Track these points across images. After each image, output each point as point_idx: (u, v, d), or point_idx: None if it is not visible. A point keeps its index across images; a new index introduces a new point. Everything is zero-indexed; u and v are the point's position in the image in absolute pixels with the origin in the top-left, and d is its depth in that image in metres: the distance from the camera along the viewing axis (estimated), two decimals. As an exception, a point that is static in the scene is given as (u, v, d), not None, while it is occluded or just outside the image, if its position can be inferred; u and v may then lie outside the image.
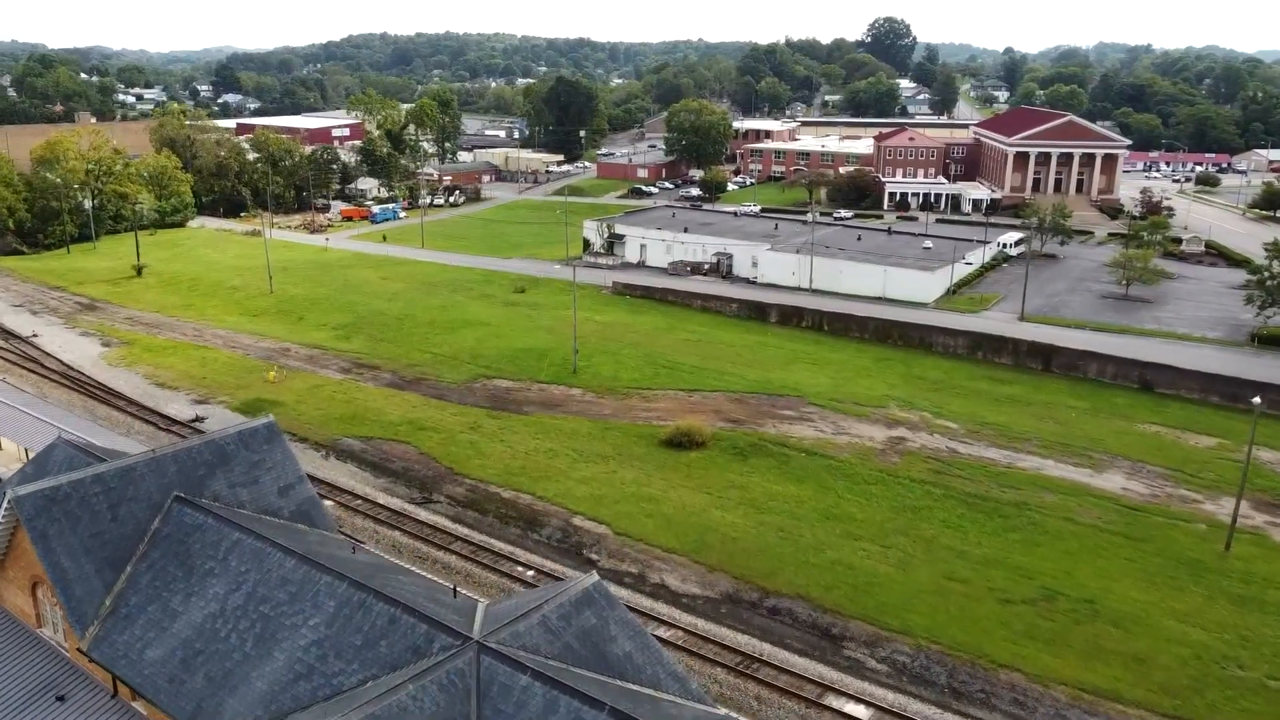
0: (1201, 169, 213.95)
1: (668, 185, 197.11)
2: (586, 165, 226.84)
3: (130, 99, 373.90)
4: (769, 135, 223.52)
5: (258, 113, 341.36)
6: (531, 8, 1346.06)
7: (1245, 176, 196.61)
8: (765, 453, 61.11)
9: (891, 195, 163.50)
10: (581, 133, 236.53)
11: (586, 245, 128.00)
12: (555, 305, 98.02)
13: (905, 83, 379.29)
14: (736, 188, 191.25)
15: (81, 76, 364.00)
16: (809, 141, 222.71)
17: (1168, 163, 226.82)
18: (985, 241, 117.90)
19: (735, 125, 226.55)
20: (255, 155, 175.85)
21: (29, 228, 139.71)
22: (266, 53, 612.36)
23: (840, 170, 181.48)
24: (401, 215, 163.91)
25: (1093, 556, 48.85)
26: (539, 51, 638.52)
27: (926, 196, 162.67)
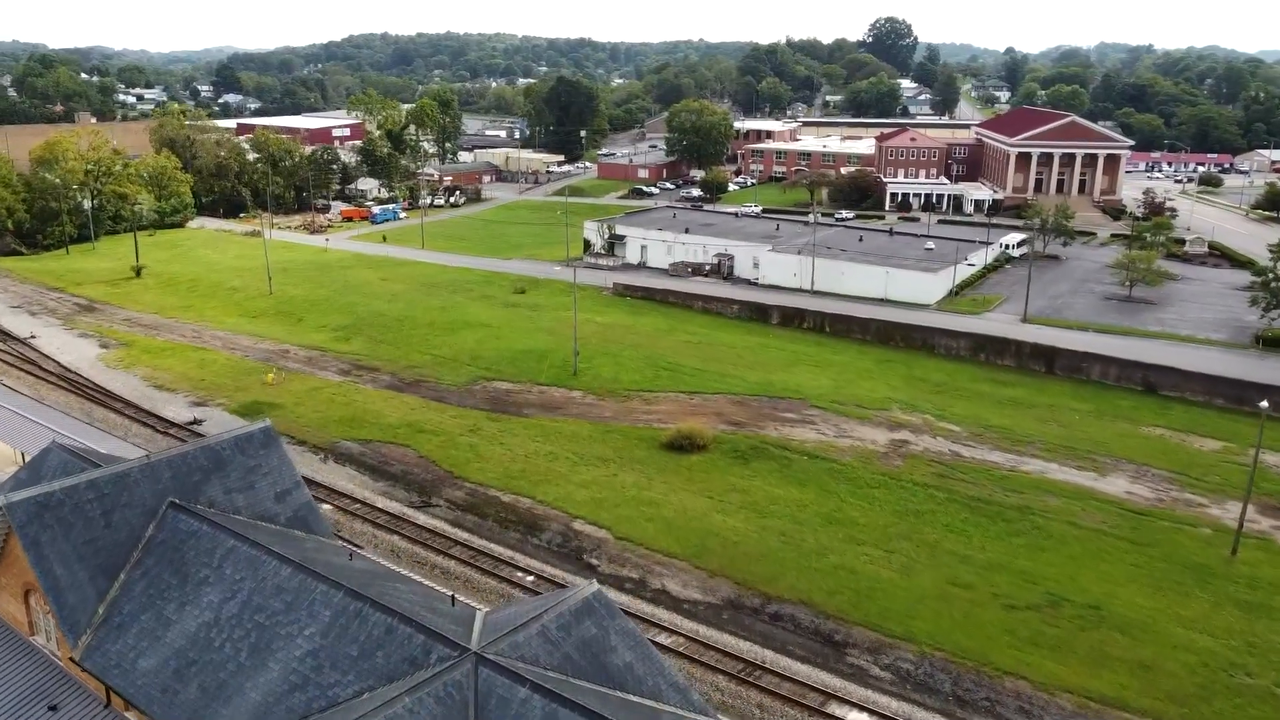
0: (1204, 169, 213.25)
1: (669, 186, 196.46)
2: (587, 165, 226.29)
3: (131, 99, 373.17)
4: (770, 135, 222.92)
5: (258, 113, 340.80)
6: (532, 8, 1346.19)
7: (1248, 177, 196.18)
8: (767, 456, 60.68)
9: (893, 196, 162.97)
10: (582, 133, 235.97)
11: (587, 246, 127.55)
12: (555, 306, 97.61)
13: (906, 83, 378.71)
14: (737, 188, 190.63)
15: (82, 77, 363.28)
16: (810, 142, 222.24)
17: (1170, 163, 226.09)
18: (987, 242, 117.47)
19: (736, 125, 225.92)
20: (255, 155, 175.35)
21: (28, 228, 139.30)
22: (267, 53, 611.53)
23: (842, 171, 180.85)
24: (402, 216, 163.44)
25: (1097, 561, 48.43)
26: (540, 51, 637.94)
27: (928, 197, 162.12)
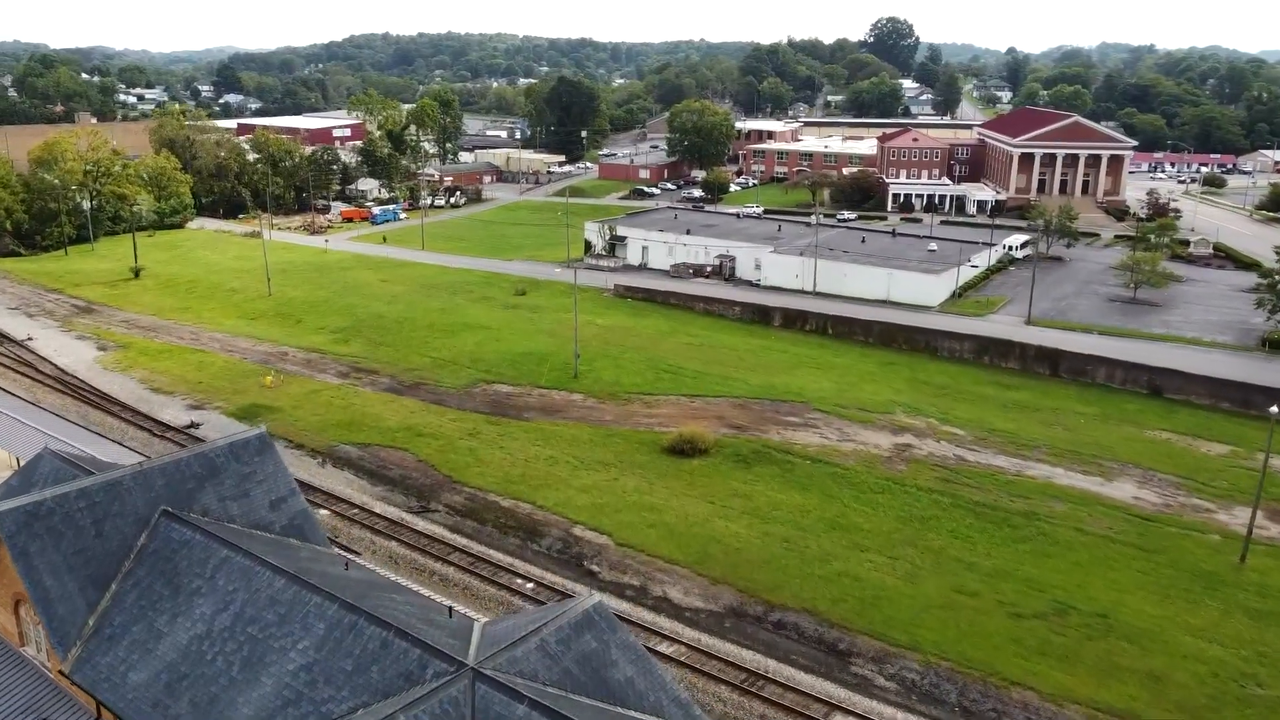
0: (1207, 170, 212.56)
1: (670, 186, 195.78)
2: (588, 166, 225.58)
3: (131, 99, 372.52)
4: (771, 136, 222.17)
5: (259, 113, 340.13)
6: (533, 8, 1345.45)
7: (1251, 177, 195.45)
8: (769, 460, 60.05)
9: (895, 197, 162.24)
10: (583, 133, 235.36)
11: (588, 247, 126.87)
12: (556, 308, 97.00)
13: (908, 83, 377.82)
14: (739, 189, 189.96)
15: (83, 77, 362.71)
16: (812, 142, 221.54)
17: (1173, 164, 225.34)
18: (990, 244, 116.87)
19: (737, 126, 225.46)
20: (255, 156, 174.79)
21: (27, 229, 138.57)
22: (268, 53, 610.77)
23: (843, 171, 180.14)
24: (402, 216, 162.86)
25: (1104, 568, 47.78)
26: (541, 51, 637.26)
27: (930, 198, 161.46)
